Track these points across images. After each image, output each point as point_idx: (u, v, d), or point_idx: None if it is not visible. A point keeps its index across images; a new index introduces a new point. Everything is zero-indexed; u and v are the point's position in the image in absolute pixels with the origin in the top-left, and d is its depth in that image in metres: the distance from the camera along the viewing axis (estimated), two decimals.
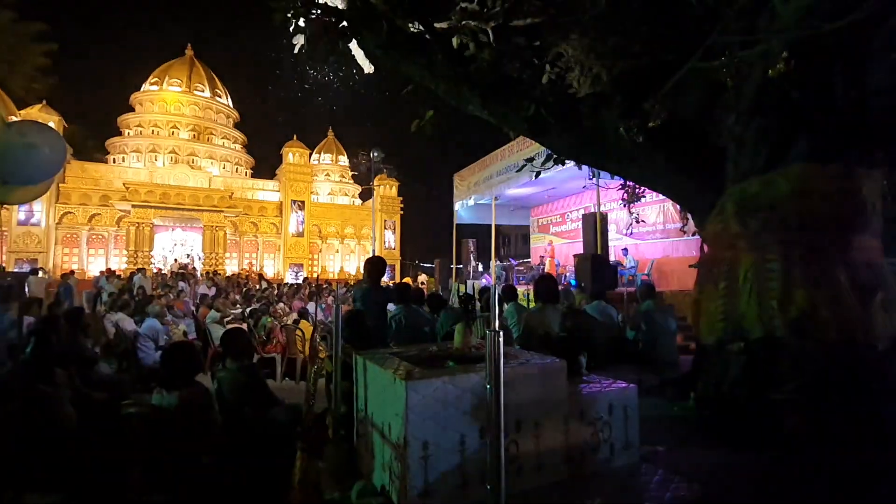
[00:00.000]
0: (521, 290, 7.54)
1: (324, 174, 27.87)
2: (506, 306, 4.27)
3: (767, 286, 3.13)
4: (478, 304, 4.91)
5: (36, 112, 19.18)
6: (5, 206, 3.22)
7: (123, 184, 20.91)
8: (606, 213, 9.67)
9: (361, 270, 4.57)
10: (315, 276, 23.48)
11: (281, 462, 3.18)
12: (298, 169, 24.80)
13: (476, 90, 4.11)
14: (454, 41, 4.77)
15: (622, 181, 6.33)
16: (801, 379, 2.97)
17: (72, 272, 14.27)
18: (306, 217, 24.65)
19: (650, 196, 8.29)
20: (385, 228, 26.69)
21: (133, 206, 20.57)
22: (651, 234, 11.34)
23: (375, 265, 4.12)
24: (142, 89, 25.70)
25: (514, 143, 10.75)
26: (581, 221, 9.86)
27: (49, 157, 2.46)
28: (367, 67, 5.19)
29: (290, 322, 7.89)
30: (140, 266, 17.88)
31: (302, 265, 24.06)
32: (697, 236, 4.55)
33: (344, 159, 28.22)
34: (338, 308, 2.50)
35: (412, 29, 4.51)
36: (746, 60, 3.25)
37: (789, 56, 3.05)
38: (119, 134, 24.76)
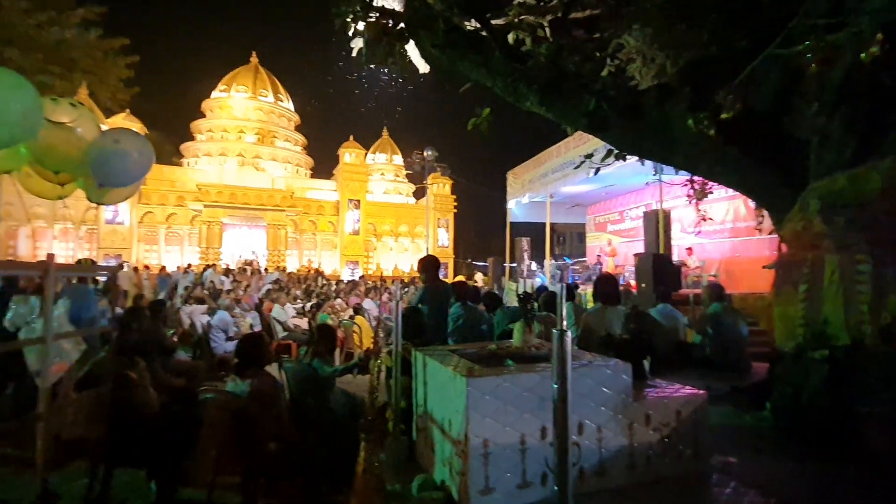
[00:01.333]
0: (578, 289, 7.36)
1: (379, 173, 28.54)
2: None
3: (856, 290, 2.87)
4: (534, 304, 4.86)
5: (121, 120, 20.97)
6: (98, 206, 3.55)
7: (196, 185, 22.42)
8: (669, 211, 9.22)
9: (416, 269, 4.63)
10: (372, 273, 24.14)
11: (343, 452, 3.31)
12: (354, 169, 25.53)
13: (534, 86, 4.04)
14: (510, 37, 4.72)
15: (688, 177, 6.01)
16: (890, 391, 2.70)
17: (162, 267, 15.53)
18: (362, 215, 25.34)
19: (718, 192, 7.82)
20: (438, 227, 26.94)
21: (205, 205, 22.03)
22: (718, 232, 10.70)
23: (431, 263, 4.16)
24: (212, 96, 27.43)
25: (571, 139, 10.49)
26: (642, 219, 9.48)
27: (139, 162, 2.71)
28: (423, 68, 5.25)
29: (347, 317, 8.16)
30: (211, 262, 19.15)
31: (357, 262, 24.75)
32: (773, 235, 4.23)
33: (398, 158, 28.75)
34: (397, 305, 2.56)
35: (469, 27, 4.51)
36: (833, 45, 2.99)
37: (884, 38, 2.77)
38: (192, 138, 26.57)
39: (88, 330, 3.45)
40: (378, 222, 26.58)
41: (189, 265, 17.94)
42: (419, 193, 27.63)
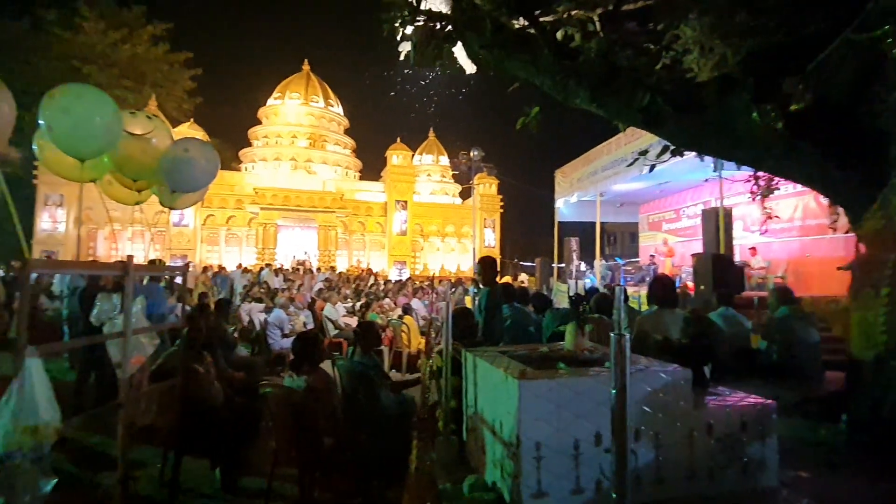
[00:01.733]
0: (629, 290, 7.13)
1: (425, 174, 28.85)
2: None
3: None
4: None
5: (186, 129, 22.39)
6: (169, 210, 3.82)
7: (253, 189, 23.58)
8: (730, 208, 8.73)
9: (474, 269, 4.64)
10: (419, 273, 24.42)
11: (393, 449, 3.38)
12: (402, 170, 25.96)
13: (584, 83, 3.94)
14: (559, 34, 4.62)
15: (751, 172, 5.66)
16: None
17: (222, 267, 16.47)
18: (409, 216, 25.72)
19: (785, 188, 7.33)
20: (485, 227, 26.89)
21: (261, 208, 23.13)
22: (786, 230, 10.02)
23: (492, 265, 4.13)
24: (267, 104, 28.74)
25: (622, 136, 10.17)
26: (700, 217, 9.03)
27: (206, 169, 2.90)
28: (470, 68, 5.25)
29: (395, 317, 8.31)
30: (267, 262, 20.06)
31: (405, 262, 25.15)
32: (849, 234, 3.91)
33: (444, 159, 28.94)
34: (447, 305, 2.58)
35: (516, 26, 4.46)
36: None
37: None
38: (249, 144, 27.96)
39: (162, 325, 3.71)
40: (425, 223, 26.88)
41: (239, 265, 18.86)
42: (465, 194, 27.67)
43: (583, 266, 13.62)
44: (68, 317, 6.42)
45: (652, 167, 5.28)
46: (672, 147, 4.49)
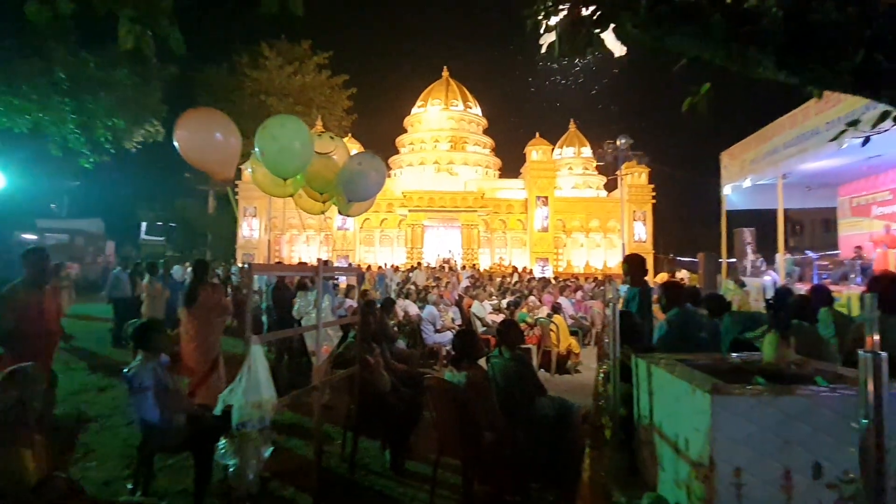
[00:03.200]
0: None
1: (566, 168, 27.92)
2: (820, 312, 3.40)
3: None
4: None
5: (346, 144, 25.13)
6: (341, 216, 4.28)
7: (402, 193, 25.45)
8: None
9: (622, 267, 4.36)
10: (562, 270, 23.76)
11: (554, 451, 3.31)
12: (542, 166, 25.49)
13: (769, 49, 3.36)
14: None
15: None
16: None
17: (379, 267, 18.22)
18: (550, 212, 25.14)
19: None
20: (634, 220, 24.96)
21: (409, 210, 24.87)
22: None
23: (640, 264, 3.86)
24: (412, 112, 30.76)
25: (810, 105, 8.50)
26: None
27: (377, 180, 3.21)
28: (619, 51, 4.89)
29: (542, 315, 8.18)
30: (416, 261, 21.50)
31: (547, 259, 24.65)
32: None
33: (587, 150, 27.64)
34: (614, 308, 2.42)
35: None
36: None
37: None
38: (397, 152, 30.26)
39: (344, 319, 4.20)
40: (567, 218, 26.00)
41: (393, 265, 20.44)
42: (610, 186, 26.04)
43: (759, 261, 11.75)
44: (266, 308, 7.70)
45: (866, 139, 4.28)
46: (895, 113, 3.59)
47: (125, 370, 3.12)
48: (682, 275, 16.49)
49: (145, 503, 2.55)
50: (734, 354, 2.34)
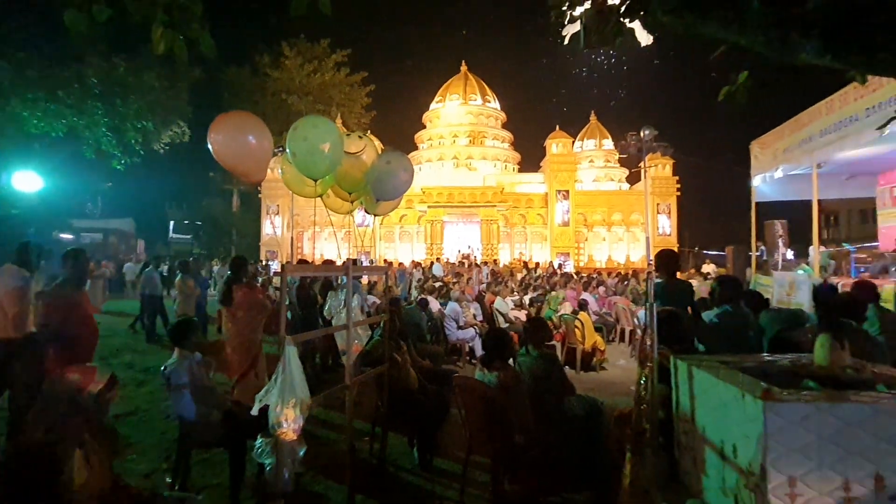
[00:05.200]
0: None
1: (587, 161, 27.51)
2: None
3: None
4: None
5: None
6: (369, 214, 4.28)
7: (421, 189, 25.46)
8: None
9: (652, 261, 4.26)
10: (584, 265, 23.46)
11: (580, 451, 3.26)
12: (562, 159, 25.15)
13: (813, 33, 3.21)
14: None
15: None
16: None
17: (400, 263, 18.29)
18: (571, 206, 24.82)
19: None
20: (658, 213, 24.45)
21: (428, 206, 24.86)
22: None
23: (669, 258, 3.77)
24: (430, 108, 30.69)
25: (849, 90, 8.13)
26: None
27: (404, 178, 3.19)
28: (646, 40, 4.74)
29: (568, 312, 8.07)
30: (436, 256, 21.50)
31: (568, 254, 24.38)
32: None
33: (609, 143, 27.17)
34: (651, 307, 2.36)
35: None
36: None
37: None
38: (416, 148, 30.25)
39: (373, 318, 4.21)
40: (588, 212, 25.64)
41: (413, 261, 20.49)
42: (633, 178, 25.57)
43: (791, 254, 11.36)
44: (290, 305, 7.80)
45: None
46: None
47: (163, 367, 3.19)
48: (709, 268, 16.07)
49: (186, 498, 2.61)
50: (783, 356, 2.24)
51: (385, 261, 21.66)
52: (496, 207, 24.85)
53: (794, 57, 3.55)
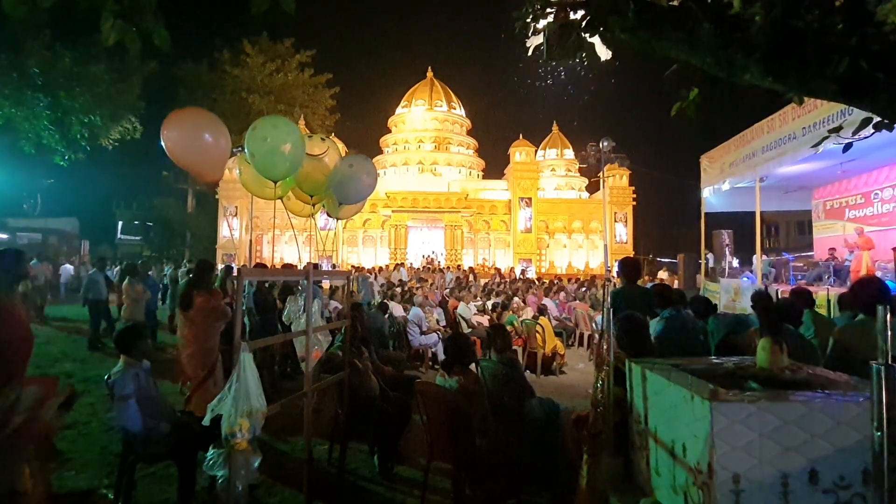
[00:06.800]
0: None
1: (549, 169, 28.13)
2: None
3: None
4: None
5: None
6: (328, 216, 4.20)
7: (385, 193, 25.29)
8: None
9: (610, 268, 4.39)
10: (545, 271, 23.93)
11: (545, 455, 3.31)
12: (525, 167, 25.62)
13: (756, 55, 3.42)
14: (713, 1, 4.08)
15: None
16: None
17: (362, 267, 18.03)
18: (533, 213, 25.29)
19: None
20: (616, 221, 25.30)
21: (392, 211, 24.73)
22: None
23: (632, 266, 3.91)
24: (395, 112, 30.60)
25: (788, 110, 8.74)
26: None
27: (368, 182, 3.16)
28: (605, 55, 4.92)
29: (527, 317, 8.20)
30: (400, 261, 21.38)
31: (530, 260, 24.80)
32: None
33: (569, 153, 27.90)
34: (608, 312, 2.43)
35: (666, 3, 4.05)
36: None
37: None
38: (380, 152, 30.06)
39: (336, 324, 4.13)
40: (550, 219, 26.20)
41: (376, 267, 20.30)
42: (593, 188, 26.36)
43: (736, 262, 12.02)
44: (248, 310, 7.54)
45: (847, 145, 4.40)
46: (877, 120, 3.68)
47: (106, 377, 3.01)
48: (664, 275, 16.76)
49: None
50: (728, 359, 2.36)
51: (352, 266, 21.34)
52: (460, 213, 25.00)
53: (740, 77, 3.77)
